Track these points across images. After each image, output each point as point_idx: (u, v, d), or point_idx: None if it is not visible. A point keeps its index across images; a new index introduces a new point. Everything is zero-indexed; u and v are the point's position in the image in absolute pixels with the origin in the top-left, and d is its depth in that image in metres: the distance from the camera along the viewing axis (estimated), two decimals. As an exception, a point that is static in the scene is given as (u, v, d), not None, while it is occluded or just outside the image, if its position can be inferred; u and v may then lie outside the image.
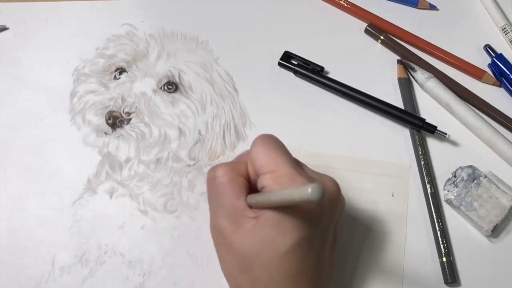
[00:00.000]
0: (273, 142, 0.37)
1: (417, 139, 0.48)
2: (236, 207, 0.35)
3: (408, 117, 0.49)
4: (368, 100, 0.49)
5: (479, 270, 0.45)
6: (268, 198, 0.34)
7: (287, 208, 0.34)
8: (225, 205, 0.36)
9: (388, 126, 0.50)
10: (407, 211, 0.46)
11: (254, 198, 0.35)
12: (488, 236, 0.45)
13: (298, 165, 0.37)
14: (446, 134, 0.48)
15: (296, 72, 0.51)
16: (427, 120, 0.48)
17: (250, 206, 0.35)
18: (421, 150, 0.48)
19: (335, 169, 0.47)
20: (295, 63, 0.51)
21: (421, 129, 0.48)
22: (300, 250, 0.34)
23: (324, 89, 0.51)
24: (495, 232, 0.45)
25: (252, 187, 0.37)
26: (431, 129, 0.48)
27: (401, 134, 0.49)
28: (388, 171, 0.47)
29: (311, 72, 0.50)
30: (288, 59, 0.51)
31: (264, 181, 0.35)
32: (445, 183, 0.46)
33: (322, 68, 0.51)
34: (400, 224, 0.45)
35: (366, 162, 0.47)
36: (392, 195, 0.46)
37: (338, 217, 0.38)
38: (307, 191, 0.29)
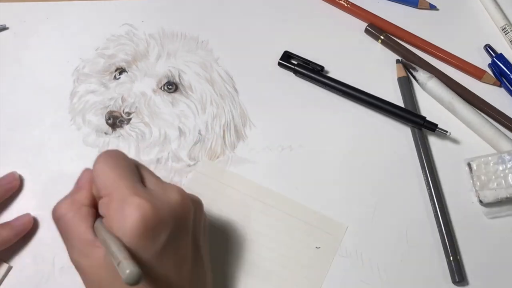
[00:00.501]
0: (113, 160, 0.36)
1: (418, 136, 0.48)
2: (85, 241, 0.35)
3: (409, 115, 0.49)
4: (369, 99, 0.49)
5: (486, 268, 0.45)
6: (105, 246, 0.33)
7: None
8: (75, 241, 0.35)
9: (389, 124, 0.50)
10: (328, 269, 0.45)
11: (97, 231, 0.35)
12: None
13: (137, 182, 0.35)
14: (447, 132, 0.48)
15: (296, 72, 0.51)
16: (428, 119, 0.48)
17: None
18: (423, 149, 0.48)
19: (271, 207, 0.46)
20: (295, 63, 0.51)
21: (422, 127, 0.48)
22: (150, 274, 0.33)
23: (324, 88, 0.51)
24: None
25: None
26: (432, 127, 0.48)
27: (402, 133, 0.49)
28: (323, 226, 0.46)
29: (311, 71, 0.50)
30: (288, 59, 0.51)
31: (101, 209, 0.35)
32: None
33: (322, 67, 0.51)
34: (317, 276, 0.44)
35: (305, 210, 0.46)
36: (316, 248, 0.45)
37: (194, 226, 0.37)
38: (124, 272, 0.30)
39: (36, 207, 0.46)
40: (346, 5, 0.54)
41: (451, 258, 0.44)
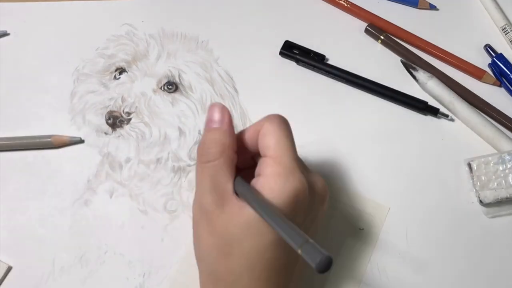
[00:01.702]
0: (286, 128, 0.37)
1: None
2: (224, 191, 0.35)
3: (411, 100, 0.50)
4: (372, 86, 0.50)
5: (485, 268, 0.45)
6: (261, 213, 0.32)
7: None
8: (215, 187, 0.35)
9: (394, 110, 0.50)
10: (373, 249, 0.45)
11: (243, 192, 0.35)
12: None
13: (298, 158, 0.36)
14: (448, 116, 0.49)
15: (298, 61, 0.51)
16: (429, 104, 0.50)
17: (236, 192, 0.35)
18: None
19: None
20: (297, 52, 0.51)
21: (424, 111, 0.50)
22: (279, 246, 0.34)
23: (327, 76, 0.51)
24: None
25: (239, 158, 0.37)
26: (434, 111, 0.49)
27: (407, 118, 0.50)
28: (365, 207, 0.46)
29: (313, 60, 0.51)
30: (289, 49, 0.52)
31: (262, 168, 0.35)
32: None
33: (323, 56, 0.51)
34: (361, 260, 0.45)
35: (345, 192, 0.47)
36: (360, 229, 0.45)
37: (320, 217, 0.39)
38: (315, 259, 0.27)
39: (36, 207, 0.46)
40: (346, 5, 0.54)
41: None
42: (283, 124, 0.37)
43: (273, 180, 0.34)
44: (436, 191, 0.48)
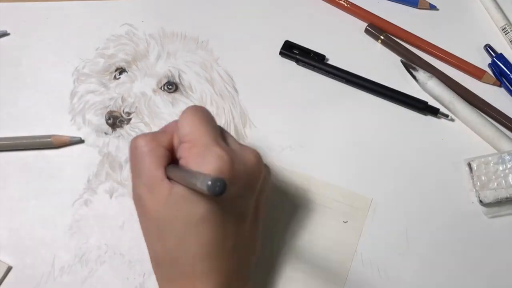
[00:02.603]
0: (200, 113, 0.37)
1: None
2: (154, 176, 0.36)
3: (411, 100, 0.50)
4: (372, 86, 0.51)
5: (485, 267, 0.45)
6: (181, 177, 0.34)
7: None
8: (144, 174, 0.36)
9: (393, 110, 0.51)
10: (357, 242, 0.45)
11: (170, 171, 0.36)
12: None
13: (219, 137, 0.37)
14: (448, 116, 0.49)
15: (298, 61, 0.51)
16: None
17: (169, 178, 0.36)
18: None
19: (291, 185, 0.47)
20: (297, 52, 0.51)
21: (424, 111, 0.50)
22: (212, 221, 0.35)
23: (327, 76, 0.51)
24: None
25: (175, 158, 0.38)
26: (434, 111, 0.50)
27: (407, 117, 0.50)
28: (348, 200, 0.47)
29: (313, 60, 0.51)
30: (289, 49, 0.52)
31: (181, 151, 0.36)
32: None
33: (324, 56, 0.51)
34: (345, 254, 0.45)
35: (331, 186, 0.47)
36: (344, 222, 0.46)
37: (260, 190, 0.39)
38: (206, 182, 0.29)
39: (36, 207, 0.46)
40: (346, 5, 0.54)
41: None
42: (197, 111, 0.38)
43: (191, 161, 0.35)
44: (436, 191, 0.48)
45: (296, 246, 0.45)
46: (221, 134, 0.38)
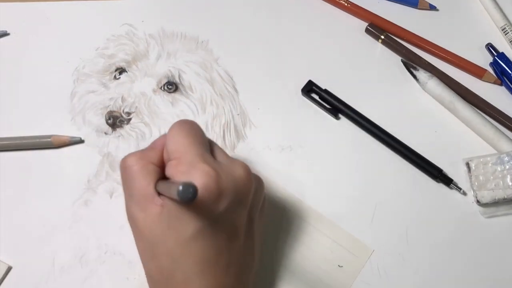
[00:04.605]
0: (186, 128, 0.37)
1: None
2: (145, 194, 0.35)
3: (425, 165, 0.48)
4: (389, 140, 0.49)
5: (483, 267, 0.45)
6: (167, 190, 0.34)
7: None
8: (135, 192, 0.36)
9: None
10: None
11: (160, 187, 0.36)
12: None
13: (206, 152, 0.37)
14: (461, 189, 0.47)
15: (316, 103, 0.50)
16: (443, 172, 0.48)
17: (160, 194, 0.36)
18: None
19: (300, 219, 0.46)
20: (316, 95, 0.50)
21: (437, 179, 0.48)
22: (203, 238, 0.35)
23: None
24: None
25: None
26: (447, 181, 0.47)
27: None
28: (349, 246, 0.45)
29: (328, 110, 0.50)
30: (310, 88, 0.50)
31: (168, 169, 0.36)
32: None
33: (341, 108, 0.50)
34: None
35: (332, 226, 0.46)
36: (339, 266, 0.45)
37: (253, 203, 0.38)
38: (177, 189, 0.29)
39: (36, 207, 0.46)
40: (346, 4, 0.54)
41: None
42: (182, 125, 0.37)
43: (177, 179, 0.35)
44: (434, 191, 0.48)
45: (291, 260, 0.45)
46: (209, 147, 0.38)
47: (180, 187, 0.29)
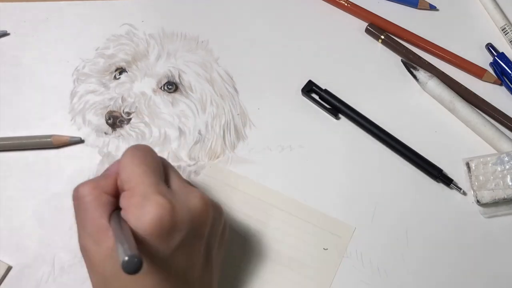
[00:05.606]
0: (140, 156, 0.36)
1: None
2: (99, 227, 0.34)
3: (426, 165, 0.48)
4: (389, 140, 0.49)
5: (482, 267, 0.45)
6: (117, 236, 0.32)
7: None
8: (89, 224, 0.35)
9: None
10: (336, 270, 0.45)
11: (112, 224, 0.34)
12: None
13: (161, 181, 0.36)
14: (461, 189, 0.47)
15: (316, 102, 0.50)
16: (443, 173, 0.48)
17: None
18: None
19: (278, 209, 0.46)
20: (316, 95, 0.50)
21: (437, 179, 0.47)
22: (157, 273, 0.34)
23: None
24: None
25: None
26: (447, 182, 0.47)
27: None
28: (330, 227, 0.46)
29: (328, 110, 0.50)
30: (310, 88, 0.50)
31: (122, 201, 0.35)
32: None
33: (340, 109, 0.50)
34: (324, 278, 0.44)
35: (312, 212, 0.46)
36: (324, 249, 0.45)
37: (210, 232, 0.37)
38: (123, 258, 0.29)
39: (36, 207, 0.46)
40: (346, 4, 0.54)
41: None
42: (136, 152, 0.36)
43: (130, 212, 0.33)
44: (434, 191, 0.48)
45: (277, 252, 0.45)
46: (163, 174, 0.37)
47: (126, 258, 0.28)
